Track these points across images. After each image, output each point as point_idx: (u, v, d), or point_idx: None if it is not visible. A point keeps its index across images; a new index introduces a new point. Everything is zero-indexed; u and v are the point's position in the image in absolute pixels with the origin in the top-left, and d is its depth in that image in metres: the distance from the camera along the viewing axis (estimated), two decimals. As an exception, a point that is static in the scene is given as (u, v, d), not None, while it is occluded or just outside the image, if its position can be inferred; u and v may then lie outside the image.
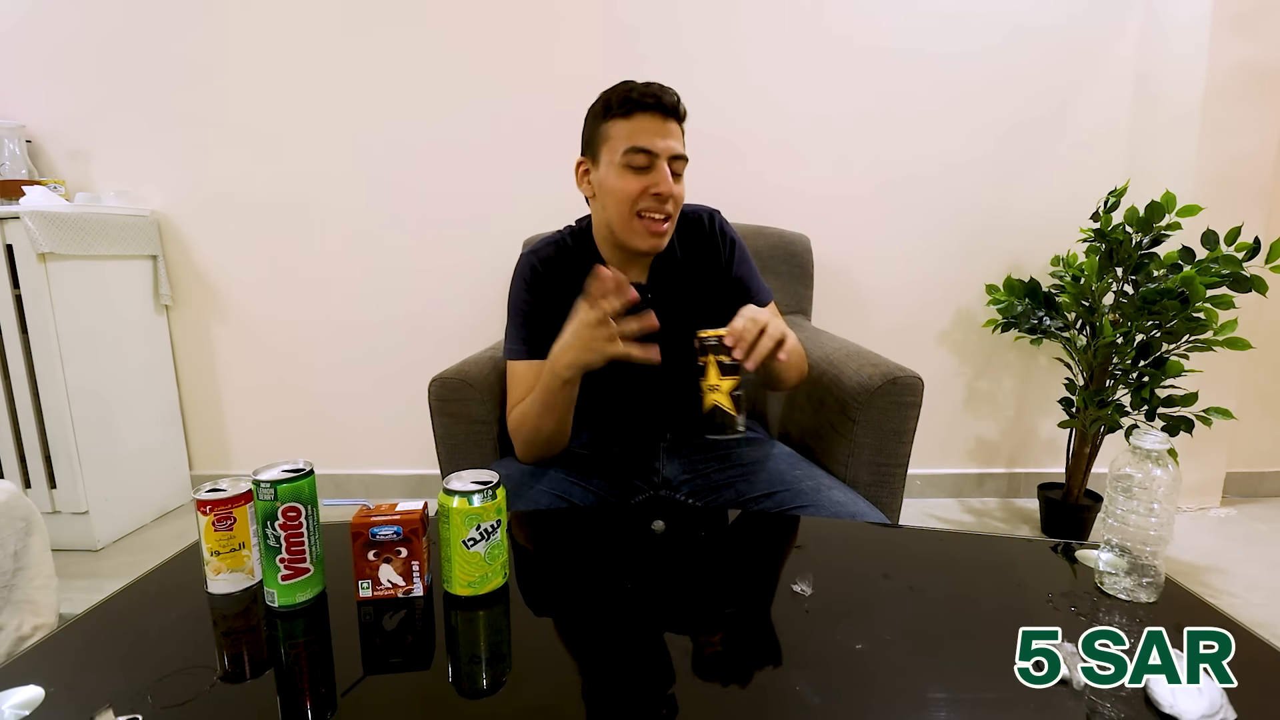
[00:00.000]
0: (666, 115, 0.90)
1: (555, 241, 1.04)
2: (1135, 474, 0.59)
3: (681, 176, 0.94)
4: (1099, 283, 1.56)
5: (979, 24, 1.78)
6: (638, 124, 0.90)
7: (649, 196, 0.91)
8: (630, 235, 0.95)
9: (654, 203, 0.91)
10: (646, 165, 0.90)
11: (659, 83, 0.91)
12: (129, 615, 0.63)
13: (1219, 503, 1.90)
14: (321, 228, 1.91)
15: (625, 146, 0.90)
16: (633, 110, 0.90)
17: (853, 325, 1.90)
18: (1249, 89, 1.66)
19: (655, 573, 0.70)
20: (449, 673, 0.54)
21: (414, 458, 2.02)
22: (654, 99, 0.89)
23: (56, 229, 1.59)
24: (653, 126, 0.90)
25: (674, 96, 0.91)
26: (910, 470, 1.02)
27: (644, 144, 0.89)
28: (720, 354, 0.79)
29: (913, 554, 0.75)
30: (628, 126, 0.90)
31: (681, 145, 0.93)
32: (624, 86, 0.91)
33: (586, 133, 0.96)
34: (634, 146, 0.89)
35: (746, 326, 0.80)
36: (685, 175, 0.95)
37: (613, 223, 0.95)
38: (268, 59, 1.83)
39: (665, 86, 0.91)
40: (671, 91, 0.91)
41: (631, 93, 0.90)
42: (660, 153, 0.90)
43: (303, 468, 0.60)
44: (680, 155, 0.92)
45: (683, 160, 0.93)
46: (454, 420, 1.08)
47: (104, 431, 1.74)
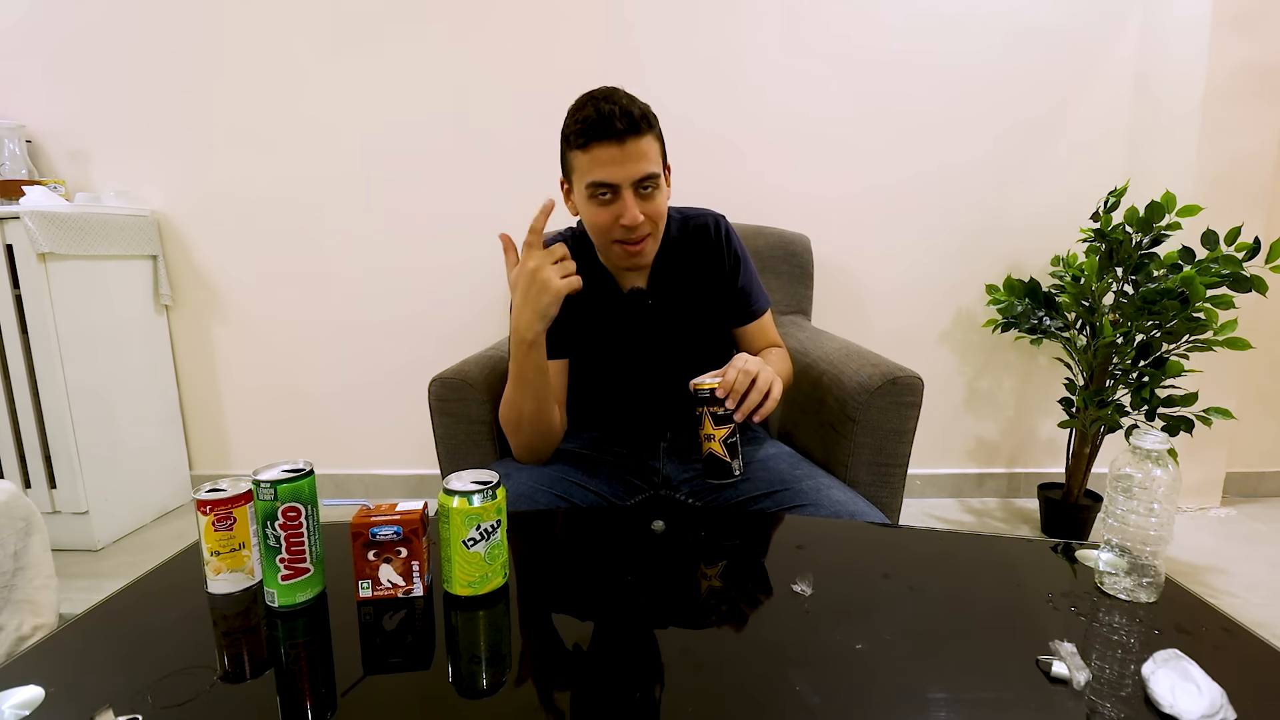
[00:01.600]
0: (624, 139, 0.85)
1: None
2: (1135, 474, 0.59)
3: (658, 188, 0.90)
4: (1099, 283, 1.56)
5: (979, 24, 1.78)
6: (595, 155, 0.86)
7: (619, 227, 0.90)
8: (610, 259, 0.97)
9: (624, 232, 0.90)
10: (610, 197, 0.88)
11: (615, 100, 0.86)
12: (129, 615, 0.63)
13: (1219, 503, 1.90)
14: (322, 227, 1.91)
15: (587, 180, 0.88)
16: (589, 142, 0.85)
17: (853, 325, 1.90)
18: (1249, 89, 1.66)
19: (655, 573, 0.70)
20: (449, 673, 0.54)
21: (414, 458, 2.02)
22: (607, 126, 0.84)
23: (56, 229, 1.59)
24: (610, 155, 0.85)
25: (629, 117, 0.85)
26: (910, 470, 1.02)
27: (603, 178, 0.86)
28: (713, 405, 0.81)
29: (913, 554, 0.75)
30: (586, 159, 0.87)
31: (650, 162, 0.87)
32: (580, 110, 0.87)
33: (560, 152, 0.93)
34: (594, 181, 0.87)
35: (738, 379, 0.81)
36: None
37: (596, 247, 0.97)
38: (268, 59, 1.83)
39: (619, 104, 0.85)
40: (625, 110, 0.85)
41: (585, 122, 0.85)
42: (621, 182, 0.86)
43: (303, 468, 0.60)
44: (648, 175, 0.87)
45: (653, 177, 0.88)
46: (454, 420, 1.08)
47: (104, 431, 1.74)
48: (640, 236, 0.91)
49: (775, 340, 1.09)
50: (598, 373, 1.06)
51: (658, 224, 0.94)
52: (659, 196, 0.92)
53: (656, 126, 0.90)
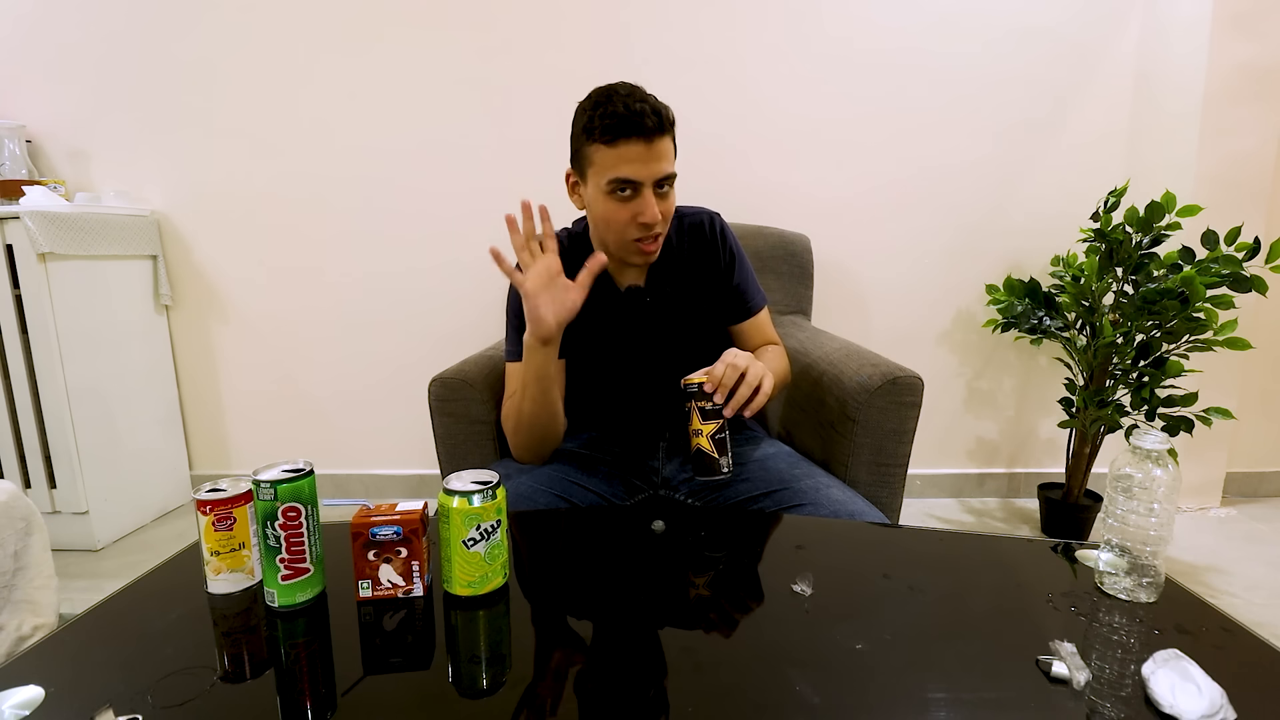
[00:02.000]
0: (652, 137, 0.85)
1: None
2: (1135, 474, 0.59)
3: (672, 188, 0.92)
4: (1099, 283, 1.56)
5: (979, 24, 1.78)
6: (622, 152, 0.85)
7: (636, 225, 0.89)
8: (624, 254, 0.96)
9: (641, 230, 0.90)
10: (631, 194, 0.88)
11: (642, 98, 0.86)
12: (129, 615, 0.63)
13: (1219, 503, 1.90)
14: (322, 227, 1.91)
15: (610, 176, 0.87)
16: (616, 138, 0.84)
17: (853, 325, 1.90)
18: (1249, 89, 1.66)
19: (655, 572, 0.70)
20: (449, 673, 0.54)
21: (414, 458, 2.02)
22: (637, 124, 0.83)
23: (56, 229, 1.59)
24: (637, 153, 0.85)
25: (658, 115, 0.85)
26: (910, 470, 1.02)
27: (629, 175, 0.86)
28: (701, 400, 0.80)
29: (913, 554, 0.75)
30: (612, 155, 0.86)
31: (669, 162, 0.89)
32: (606, 105, 0.85)
33: (573, 144, 0.92)
34: (619, 178, 0.86)
35: (726, 373, 0.80)
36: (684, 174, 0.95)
37: (606, 242, 0.96)
38: (267, 59, 1.83)
39: (648, 102, 0.85)
40: (654, 108, 0.85)
41: (613, 118, 0.84)
42: (645, 180, 0.86)
43: (303, 468, 0.60)
44: (669, 175, 0.89)
45: (672, 178, 0.90)
46: (454, 420, 1.08)
47: (104, 431, 1.74)
48: (656, 234, 0.92)
49: (772, 338, 1.09)
50: (596, 372, 1.06)
51: (669, 223, 0.95)
52: (672, 196, 0.93)
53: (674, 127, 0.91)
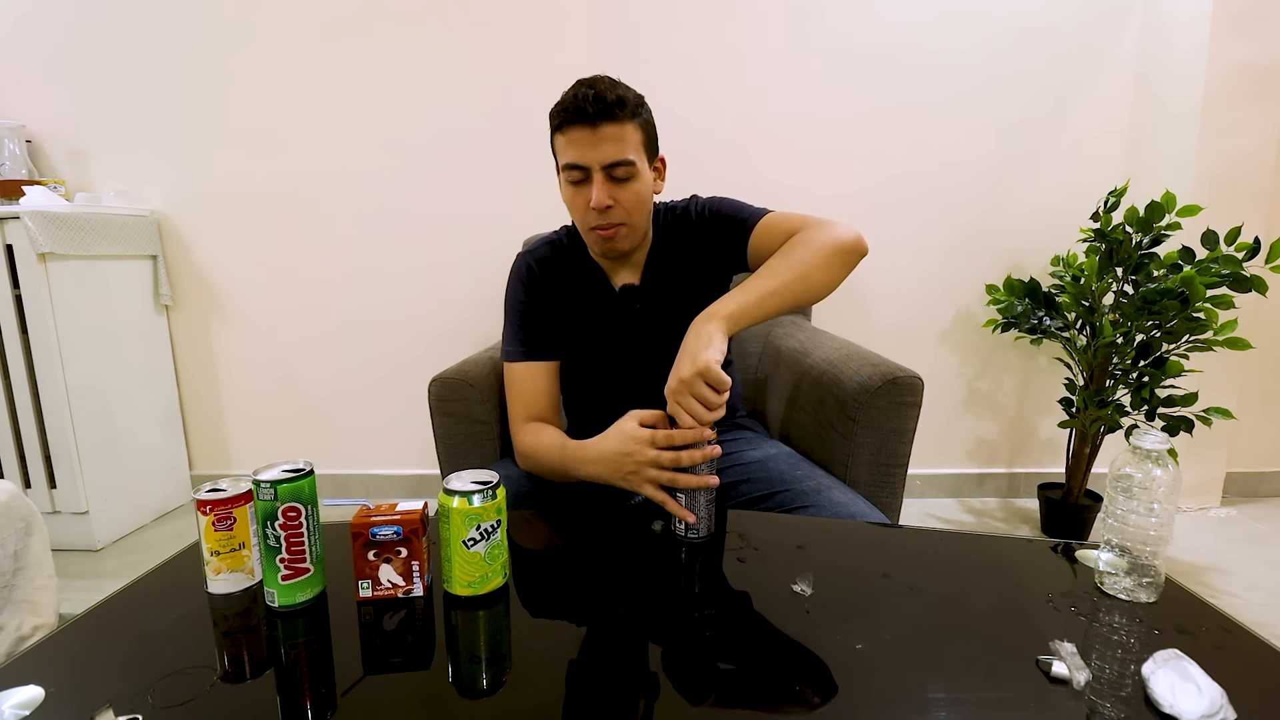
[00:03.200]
0: (596, 122, 0.84)
1: (551, 242, 1.03)
2: (1135, 474, 0.59)
3: (633, 177, 0.89)
4: (1099, 283, 1.56)
5: (979, 23, 1.78)
6: (569, 137, 0.87)
7: (590, 211, 0.89)
8: (590, 245, 0.96)
9: (595, 216, 0.89)
10: (583, 179, 0.88)
11: (594, 85, 0.85)
12: (129, 615, 0.63)
13: (1219, 503, 1.90)
14: (322, 227, 1.91)
15: (563, 162, 0.89)
16: (563, 124, 0.86)
17: (853, 325, 1.90)
18: (1249, 89, 1.66)
19: (655, 572, 0.70)
20: (449, 673, 0.54)
21: (414, 458, 2.02)
22: (580, 109, 0.84)
23: (56, 229, 1.59)
24: (582, 138, 0.86)
25: (603, 101, 0.84)
26: (910, 470, 1.02)
27: (574, 159, 0.87)
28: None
29: (913, 554, 0.75)
30: (563, 141, 0.88)
31: (623, 147, 0.86)
32: (562, 97, 0.87)
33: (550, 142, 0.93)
34: (567, 163, 0.88)
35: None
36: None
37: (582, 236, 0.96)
38: (267, 59, 1.83)
39: (599, 89, 0.84)
40: (603, 95, 0.84)
41: (562, 105, 0.86)
42: (591, 165, 0.86)
43: (303, 468, 0.60)
44: (619, 160, 0.86)
45: (627, 164, 0.87)
46: (454, 420, 1.08)
47: (104, 431, 1.74)
48: (611, 223, 0.90)
49: (792, 227, 0.94)
50: (593, 372, 1.05)
51: (632, 213, 0.91)
52: (635, 185, 0.89)
53: (642, 115, 0.89)
